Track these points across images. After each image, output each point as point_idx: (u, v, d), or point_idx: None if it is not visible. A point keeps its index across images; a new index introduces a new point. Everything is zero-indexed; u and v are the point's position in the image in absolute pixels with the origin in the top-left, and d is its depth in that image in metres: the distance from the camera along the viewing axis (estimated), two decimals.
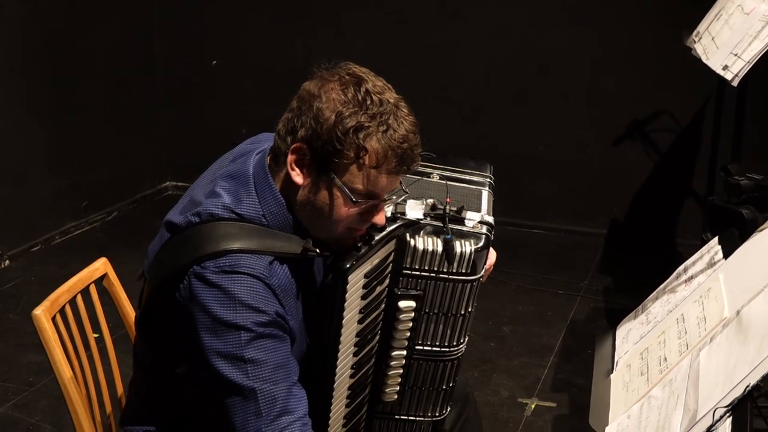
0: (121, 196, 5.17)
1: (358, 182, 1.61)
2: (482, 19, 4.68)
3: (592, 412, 1.90)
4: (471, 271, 1.78)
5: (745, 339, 1.57)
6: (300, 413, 1.60)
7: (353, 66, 1.66)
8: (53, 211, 4.74)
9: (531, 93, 4.71)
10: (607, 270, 4.45)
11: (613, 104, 4.60)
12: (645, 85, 4.52)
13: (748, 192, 2.54)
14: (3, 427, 3.10)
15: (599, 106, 4.62)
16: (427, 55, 4.76)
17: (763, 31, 2.62)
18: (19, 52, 4.42)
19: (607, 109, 4.61)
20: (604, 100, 4.60)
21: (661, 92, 4.51)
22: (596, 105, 4.62)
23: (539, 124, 4.74)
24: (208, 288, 1.59)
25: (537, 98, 4.71)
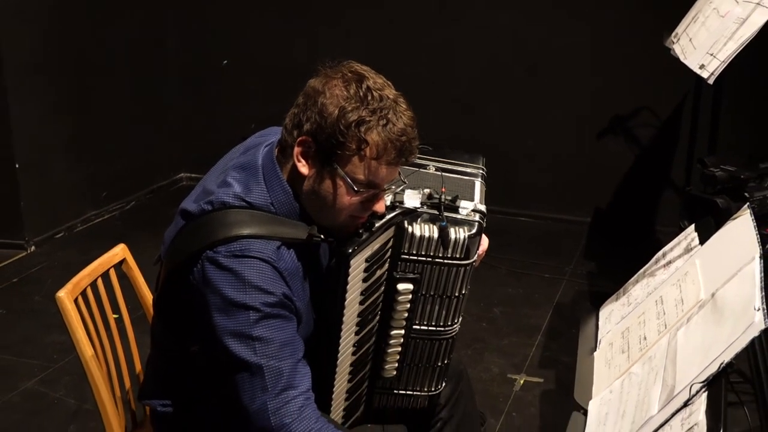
0: (138, 186, 5.17)
1: (360, 173, 1.61)
2: (477, 21, 4.67)
3: (577, 388, 1.90)
4: (465, 256, 1.78)
5: (720, 320, 1.57)
6: (304, 388, 1.61)
7: (355, 64, 1.66)
8: (75, 201, 4.74)
9: (522, 90, 4.71)
10: (590, 255, 4.45)
11: (598, 101, 4.60)
12: (627, 83, 4.52)
13: (722, 183, 2.54)
14: (29, 400, 3.11)
15: (585, 103, 4.61)
16: (425, 53, 4.75)
17: (737, 32, 2.61)
18: (44, 53, 4.41)
19: (592, 106, 4.61)
20: (589, 97, 4.60)
21: (642, 90, 4.50)
22: (582, 102, 4.62)
23: (529, 119, 4.73)
24: (220, 271, 1.59)
25: (527, 95, 4.70)
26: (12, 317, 3.73)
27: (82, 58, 4.62)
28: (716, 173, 2.56)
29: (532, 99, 4.70)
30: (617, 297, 2.13)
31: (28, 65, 4.30)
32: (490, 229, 1.90)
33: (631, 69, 4.47)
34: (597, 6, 4.49)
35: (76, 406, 3.07)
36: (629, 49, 4.43)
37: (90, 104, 4.72)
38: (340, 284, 1.67)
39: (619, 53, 4.49)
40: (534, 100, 4.70)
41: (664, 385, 1.58)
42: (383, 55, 4.53)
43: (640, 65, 4.40)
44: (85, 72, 4.66)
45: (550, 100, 4.67)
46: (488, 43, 4.68)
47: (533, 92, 4.69)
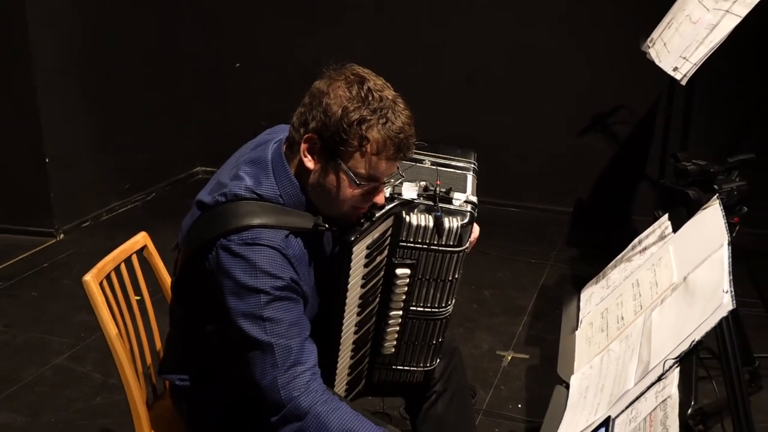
0: (158, 179, 5.17)
1: (361, 167, 1.61)
2: (469, 25, 4.66)
3: (560, 363, 1.90)
4: (458, 243, 1.78)
5: (691, 301, 1.57)
6: (310, 364, 1.61)
7: (357, 67, 1.65)
8: (100, 192, 4.74)
9: (510, 89, 4.70)
10: (572, 242, 4.45)
11: (580, 100, 4.59)
12: (607, 84, 4.52)
13: (694, 176, 2.53)
14: (59, 374, 3.11)
15: (569, 102, 4.61)
16: (421, 55, 4.74)
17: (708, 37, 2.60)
18: (70, 57, 4.40)
19: (575, 105, 4.60)
20: (572, 96, 4.59)
21: (620, 90, 4.50)
22: (566, 101, 4.61)
23: (517, 116, 4.73)
24: (232, 258, 1.59)
25: (516, 94, 4.70)
26: (43, 299, 3.73)
27: (106, 61, 4.62)
28: (688, 167, 2.55)
29: (520, 98, 4.70)
30: (597, 280, 2.13)
31: (57, 69, 4.30)
32: (481, 218, 1.90)
33: (610, 71, 4.47)
34: (580, 12, 4.48)
35: (101, 380, 3.08)
36: (609, 53, 4.42)
37: (113, 104, 4.71)
38: (343, 269, 1.67)
39: (600, 56, 4.48)
40: (522, 99, 4.70)
41: (639, 360, 1.58)
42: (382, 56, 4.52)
43: (618, 68, 4.39)
44: (109, 74, 4.65)
45: (536, 99, 4.67)
46: (479, 46, 4.67)
47: (521, 92, 4.69)
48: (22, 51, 4.10)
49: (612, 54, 4.40)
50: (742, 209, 2.47)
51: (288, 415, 1.57)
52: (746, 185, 2.50)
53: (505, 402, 2.95)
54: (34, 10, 4.09)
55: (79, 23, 4.42)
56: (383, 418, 2.36)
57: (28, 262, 4.11)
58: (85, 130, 4.57)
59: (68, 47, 4.37)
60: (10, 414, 2.87)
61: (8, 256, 4.15)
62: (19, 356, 3.24)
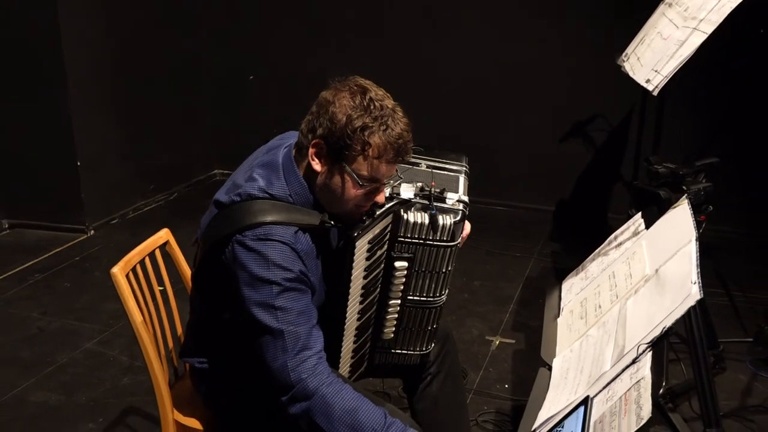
0: (179, 180, 5.16)
1: (364, 170, 1.61)
2: (462, 41, 4.66)
3: (544, 347, 1.90)
4: (451, 239, 1.78)
5: (662, 291, 1.57)
6: (317, 349, 1.60)
7: (360, 79, 1.65)
8: (127, 192, 4.73)
9: (499, 100, 4.69)
10: (554, 238, 4.45)
11: (561, 109, 4.58)
12: (586, 95, 4.51)
13: (664, 177, 2.53)
14: (90, 358, 3.11)
15: (551, 111, 4.60)
16: (418, 68, 4.72)
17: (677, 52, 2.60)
18: (101, 70, 4.40)
19: (557, 113, 4.60)
20: (554, 106, 4.59)
21: (598, 100, 4.49)
22: (548, 110, 4.61)
23: (505, 124, 4.72)
24: (247, 252, 1.59)
25: (503, 104, 4.69)
26: (75, 289, 3.73)
27: (132, 75, 4.61)
28: (659, 169, 2.55)
29: (507, 108, 4.69)
30: (577, 272, 2.13)
31: (87, 82, 4.29)
32: (472, 216, 1.90)
33: (589, 83, 4.46)
34: (562, 30, 4.48)
35: (128, 362, 3.08)
36: (588, 67, 4.42)
37: (139, 113, 4.71)
38: (347, 262, 1.67)
39: (580, 70, 4.47)
40: (509, 109, 4.69)
41: (615, 345, 1.58)
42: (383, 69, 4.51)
43: (596, 80, 4.38)
44: (135, 87, 4.64)
45: (522, 108, 4.66)
46: (471, 60, 4.66)
47: (508, 102, 4.68)
48: (56, 68, 4.10)
49: (590, 67, 4.39)
50: (708, 208, 2.47)
51: (296, 395, 1.57)
52: (712, 186, 2.50)
53: (493, 383, 2.95)
54: (68, 30, 4.09)
55: (108, 41, 4.41)
56: (383, 397, 2.36)
57: (61, 256, 4.11)
58: (113, 137, 4.56)
59: (98, 63, 4.36)
60: (46, 393, 2.87)
61: (44, 251, 4.15)
62: (54, 341, 3.24)
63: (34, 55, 4.11)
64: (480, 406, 2.77)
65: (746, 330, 3.26)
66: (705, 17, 2.55)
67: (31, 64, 4.12)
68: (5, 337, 3.26)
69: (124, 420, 2.72)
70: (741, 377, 2.96)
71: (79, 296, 3.65)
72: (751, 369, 3.01)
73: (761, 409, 2.76)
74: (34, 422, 2.70)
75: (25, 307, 3.53)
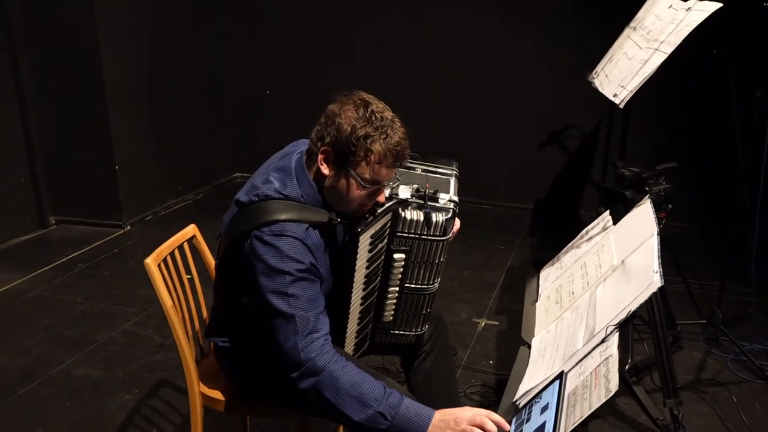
0: (205, 182, 5.16)
1: (367, 173, 1.60)
2: (453, 61, 4.65)
3: (524, 329, 1.89)
4: (443, 234, 1.77)
5: (628, 279, 1.57)
6: (324, 331, 1.60)
7: (363, 93, 1.65)
8: (160, 192, 4.73)
9: (485, 111, 4.69)
10: (533, 233, 4.45)
11: (539, 120, 4.58)
12: (560, 107, 4.50)
13: (629, 180, 2.53)
14: (127, 337, 3.11)
15: (530, 122, 4.60)
16: (415, 83, 4.72)
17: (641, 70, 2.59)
18: (137, 84, 4.39)
19: (535, 124, 4.59)
20: (533, 117, 4.58)
21: (571, 111, 4.49)
22: (527, 121, 4.60)
23: (490, 133, 4.71)
24: (264, 245, 1.58)
25: (489, 115, 4.68)
26: (114, 277, 3.72)
27: (164, 89, 4.60)
28: (625, 173, 2.55)
29: (492, 118, 4.68)
30: (553, 263, 2.13)
31: (124, 95, 4.29)
32: (461, 214, 1.89)
33: (563, 97, 4.46)
34: (540, 51, 4.47)
35: (160, 341, 3.07)
36: (562, 83, 4.41)
37: (169, 123, 4.70)
38: (352, 255, 1.66)
39: (555, 86, 4.47)
40: (494, 119, 4.68)
41: (587, 327, 1.57)
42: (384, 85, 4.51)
43: (569, 95, 4.37)
44: (166, 100, 4.64)
45: (506, 119, 4.65)
46: (460, 77, 4.66)
47: (493, 113, 4.67)
48: (97, 82, 4.10)
49: (564, 84, 4.38)
50: (668, 206, 2.46)
51: (306, 372, 1.56)
52: (671, 187, 2.50)
53: (480, 359, 2.95)
54: (107, 48, 4.09)
55: (143, 59, 4.41)
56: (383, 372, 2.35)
57: (102, 249, 4.10)
58: (147, 144, 4.55)
59: (134, 79, 4.36)
60: (88, 368, 2.87)
61: (86, 244, 4.15)
62: (95, 323, 3.24)
63: (78, 72, 4.10)
64: (468, 379, 2.77)
65: (700, 313, 3.26)
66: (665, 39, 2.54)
67: (75, 81, 4.12)
68: (53, 320, 3.26)
69: (157, 392, 2.71)
70: (696, 354, 2.96)
71: (117, 283, 3.64)
72: (705, 347, 3.01)
73: (713, 382, 2.76)
74: (78, 394, 2.70)
75: (69, 293, 3.53)
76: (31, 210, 4.31)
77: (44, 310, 3.34)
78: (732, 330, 2.99)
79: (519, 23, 4.49)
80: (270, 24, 5.04)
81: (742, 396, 2.66)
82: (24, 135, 4.18)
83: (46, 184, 4.32)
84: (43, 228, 4.36)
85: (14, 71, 4.06)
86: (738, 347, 2.90)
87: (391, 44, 4.77)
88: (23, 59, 4.07)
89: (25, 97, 4.12)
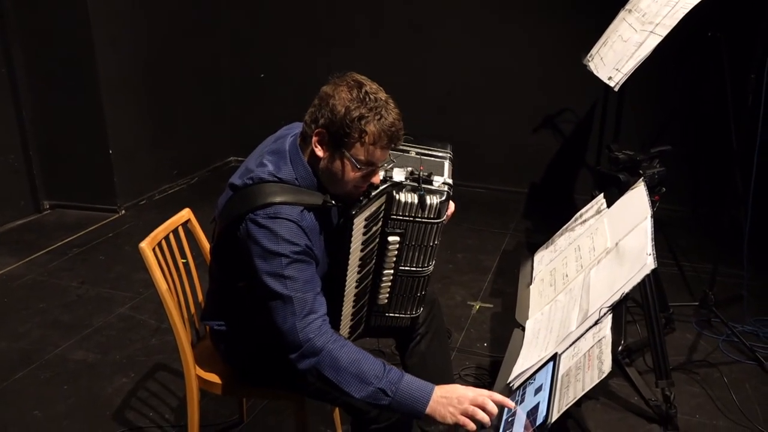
0: (200, 166, 5.14)
1: (361, 154, 1.60)
2: (447, 45, 4.63)
3: (518, 311, 1.90)
4: (437, 216, 1.77)
5: (621, 262, 1.57)
6: (321, 312, 1.60)
7: (356, 75, 1.63)
8: (154, 177, 4.70)
9: (480, 96, 4.67)
10: (527, 216, 4.45)
11: (535, 104, 4.57)
12: (555, 91, 4.49)
13: (623, 163, 2.52)
14: (123, 321, 3.11)
15: (525, 106, 4.59)
16: (410, 67, 4.70)
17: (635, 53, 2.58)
18: (131, 69, 4.35)
19: (530, 108, 4.58)
20: (528, 101, 4.57)
21: (565, 95, 4.47)
22: (524, 105, 4.59)
23: (487, 118, 4.70)
24: (259, 228, 1.57)
25: (484, 100, 4.67)
26: (109, 261, 3.72)
27: (158, 74, 4.56)
28: (619, 156, 2.54)
29: (488, 103, 4.67)
30: (547, 246, 2.13)
31: (118, 80, 4.25)
32: (456, 197, 1.89)
33: (558, 81, 4.44)
34: (535, 35, 4.45)
35: (156, 325, 3.07)
36: (557, 67, 4.40)
37: (164, 107, 4.67)
38: (347, 237, 1.66)
39: (550, 70, 4.45)
40: (489, 104, 4.67)
41: (580, 309, 1.58)
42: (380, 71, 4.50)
43: (564, 78, 4.36)
44: (160, 84, 4.60)
45: (500, 104, 4.64)
46: (456, 61, 4.64)
47: (489, 98, 4.66)
48: (90, 66, 4.06)
49: (559, 67, 4.37)
50: (662, 189, 2.47)
51: (305, 352, 1.56)
52: (665, 170, 2.50)
53: (474, 341, 2.96)
54: (100, 32, 4.05)
55: (139, 46, 4.37)
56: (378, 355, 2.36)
57: (97, 233, 4.09)
58: (141, 129, 4.52)
59: (128, 63, 4.32)
60: (85, 352, 2.87)
61: (82, 228, 4.13)
62: (91, 306, 3.24)
63: (71, 56, 4.07)
64: (462, 362, 2.78)
65: (693, 295, 3.28)
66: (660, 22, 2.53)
67: (68, 65, 4.08)
68: (48, 303, 3.25)
69: (153, 375, 2.72)
70: (688, 336, 2.98)
71: (113, 267, 3.63)
72: (697, 329, 3.03)
73: (705, 363, 2.78)
74: (75, 377, 2.70)
75: (65, 278, 3.52)
76: (25, 194, 4.29)
77: (40, 295, 3.34)
78: (724, 312, 3.01)
79: (514, 6, 4.46)
80: (264, 8, 5.00)
81: (733, 377, 2.68)
82: (17, 119, 4.15)
83: (39, 169, 4.30)
84: (37, 212, 4.35)
85: (6, 55, 4.03)
86: (729, 329, 2.92)
87: (387, 30, 4.74)
88: (15, 44, 4.03)
89: (18, 81, 4.09)
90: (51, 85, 4.13)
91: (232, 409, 2.45)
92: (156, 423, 2.43)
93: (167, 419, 2.44)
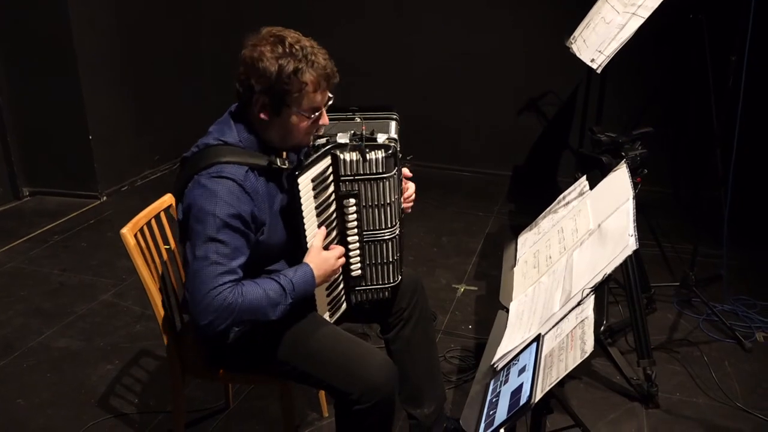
0: (181, 151, 5.03)
1: (305, 105, 1.63)
2: (431, 30, 4.60)
3: (502, 293, 1.91)
4: (386, 170, 1.76)
5: (604, 243, 1.58)
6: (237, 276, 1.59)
7: (271, 28, 1.67)
8: (136, 163, 4.66)
9: (465, 80, 4.65)
10: (511, 199, 4.46)
11: (518, 87, 4.56)
12: (538, 74, 4.49)
13: (606, 145, 2.53)
14: (107, 308, 3.09)
15: (508, 89, 4.58)
16: (395, 53, 4.66)
17: (618, 35, 2.58)
18: (111, 52, 4.29)
19: (513, 91, 4.58)
20: (511, 85, 4.56)
21: (548, 78, 4.47)
22: (506, 88, 4.58)
23: (468, 101, 4.69)
24: (200, 188, 1.59)
25: (468, 84, 4.65)
26: (91, 248, 3.68)
27: (140, 58, 4.50)
28: (601, 138, 2.55)
29: (470, 87, 4.65)
30: (530, 228, 2.13)
31: (97, 64, 4.19)
32: (440, 180, 1.89)
33: (541, 64, 4.44)
34: (517, 18, 4.43)
35: (140, 311, 3.06)
36: (540, 49, 4.39)
37: (145, 92, 4.61)
38: (295, 199, 1.66)
39: (533, 52, 4.44)
40: (472, 88, 4.65)
41: (563, 290, 1.58)
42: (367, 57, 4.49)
43: (547, 61, 4.36)
44: (142, 69, 4.54)
45: (483, 87, 4.63)
46: (440, 46, 4.61)
47: (471, 82, 4.64)
48: (68, 50, 3.99)
49: (542, 50, 4.36)
50: (644, 171, 2.48)
51: (221, 315, 1.56)
52: (646, 152, 2.51)
53: (459, 324, 2.98)
54: (77, 15, 3.98)
55: (118, 29, 4.30)
56: (364, 339, 2.36)
57: (78, 220, 4.04)
58: (122, 114, 4.47)
59: (106, 47, 4.25)
60: (68, 339, 2.85)
61: (62, 215, 4.09)
62: (73, 294, 3.21)
63: (49, 42, 3.99)
64: (447, 344, 2.80)
65: (674, 275, 3.32)
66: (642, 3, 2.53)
67: (46, 50, 4.01)
68: (30, 291, 3.22)
69: (138, 361, 2.70)
70: (669, 316, 3.01)
71: (95, 254, 3.60)
72: (677, 309, 3.06)
73: (685, 342, 2.82)
74: (59, 365, 2.68)
75: (46, 265, 3.48)
76: (4, 181, 4.23)
77: (21, 283, 3.30)
78: (704, 292, 3.05)
79: None
80: None
81: (712, 355, 2.72)
82: None
83: (18, 155, 4.24)
84: (17, 199, 4.29)
85: None
86: (709, 308, 2.95)
87: (369, 14, 4.69)
88: None
89: None
90: (27, 68, 4.06)
91: (218, 395, 2.45)
92: (141, 410, 2.42)
93: (152, 406, 2.43)
